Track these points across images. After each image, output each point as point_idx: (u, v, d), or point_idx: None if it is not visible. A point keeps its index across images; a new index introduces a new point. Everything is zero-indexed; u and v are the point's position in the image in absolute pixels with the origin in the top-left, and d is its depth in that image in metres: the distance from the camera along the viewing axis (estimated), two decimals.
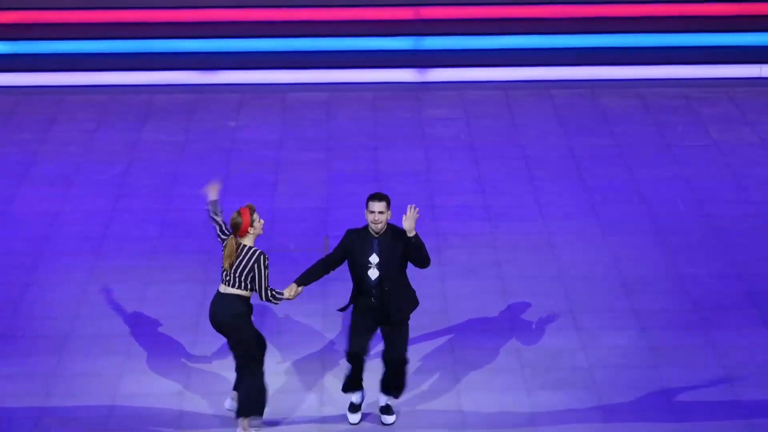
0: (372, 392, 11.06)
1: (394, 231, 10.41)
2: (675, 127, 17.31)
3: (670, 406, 11.34)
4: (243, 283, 10.63)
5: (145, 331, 12.51)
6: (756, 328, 12.54)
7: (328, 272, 11.01)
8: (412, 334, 11.25)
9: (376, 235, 10.39)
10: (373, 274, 10.37)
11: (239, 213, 10.90)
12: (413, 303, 10.65)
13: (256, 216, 10.84)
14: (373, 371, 11.15)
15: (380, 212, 10.60)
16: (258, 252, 10.69)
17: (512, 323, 12.30)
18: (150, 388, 11.82)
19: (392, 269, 10.39)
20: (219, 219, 11.26)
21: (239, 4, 20.24)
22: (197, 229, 13.82)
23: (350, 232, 10.88)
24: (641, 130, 17.23)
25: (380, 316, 10.50)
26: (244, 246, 10.82)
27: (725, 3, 20.01)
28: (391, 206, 10.82)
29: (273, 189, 14.45)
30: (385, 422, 10.92)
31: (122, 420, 11.19)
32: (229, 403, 11.10)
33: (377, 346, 11.28)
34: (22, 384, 11.82)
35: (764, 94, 18.27)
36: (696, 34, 19.45)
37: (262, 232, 10.94)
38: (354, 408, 10.81)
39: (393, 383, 10.81)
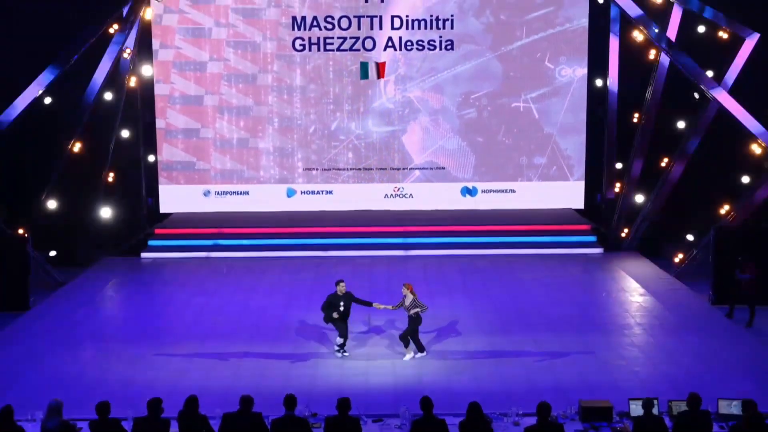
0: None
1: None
2: (513, 272, 20.30)
3: (496, 353, 14.79)
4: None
5: (310, 335, 16.16)
6: (530, 334, 15.84)
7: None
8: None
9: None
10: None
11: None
12: None
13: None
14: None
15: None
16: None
17: (443, 343, 15.37)
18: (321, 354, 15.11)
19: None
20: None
21: (338, 225, 22.88)
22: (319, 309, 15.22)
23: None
24: (496, 275, 20.25)
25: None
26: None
27: (534, 225, 22.74)
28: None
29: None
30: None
31: (303, 372, 14.28)
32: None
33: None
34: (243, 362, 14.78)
35: (551, 260, 21.45)
36: (512, 237, 22.38)
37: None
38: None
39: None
